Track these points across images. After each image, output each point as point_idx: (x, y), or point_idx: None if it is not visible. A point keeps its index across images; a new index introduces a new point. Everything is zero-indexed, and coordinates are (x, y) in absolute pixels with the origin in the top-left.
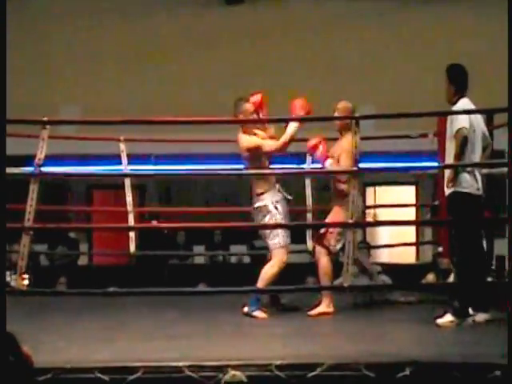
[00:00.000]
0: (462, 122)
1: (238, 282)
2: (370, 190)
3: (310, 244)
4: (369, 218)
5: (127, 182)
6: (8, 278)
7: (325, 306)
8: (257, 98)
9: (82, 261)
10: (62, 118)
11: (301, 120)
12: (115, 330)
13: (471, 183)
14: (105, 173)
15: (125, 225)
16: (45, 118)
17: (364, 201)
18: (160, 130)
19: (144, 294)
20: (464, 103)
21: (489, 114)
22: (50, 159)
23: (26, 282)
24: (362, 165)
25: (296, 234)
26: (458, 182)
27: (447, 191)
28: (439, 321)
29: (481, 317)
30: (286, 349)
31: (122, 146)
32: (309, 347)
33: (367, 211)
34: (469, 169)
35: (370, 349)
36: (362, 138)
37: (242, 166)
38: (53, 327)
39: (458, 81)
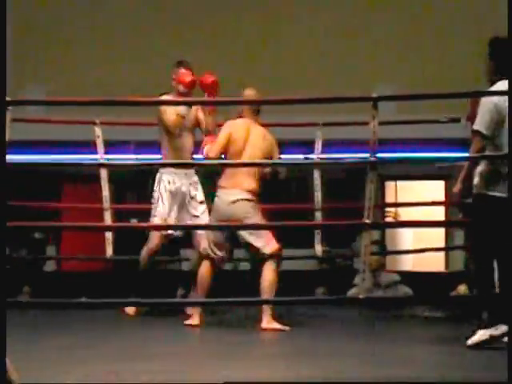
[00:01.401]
0: (485, 114)
1: (232, 291)
2: (390, 185)
3: (318, 248)
4: (389, 219)
5: (103, 173)
6: None
7: (268, 322)
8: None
9: (49, 266)
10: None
11: (308, 101)
12: (87, 348)
13: (500, 184)
14: (77, 162)
15: (101, 224)
16: (7, 98)
17: (383, 198)
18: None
19: (122, 304)
20: (503, 85)
21: None
22: (14, 146)
23: None
24: (380, 155)
25: (303, 238)
26: (483, 182)
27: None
28: (470, 342)
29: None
30: (289, 371)
31: (98, 131)
32: (314, 369)
33: (387, 210)
34: (496, 167)
35: (386, 372)
36: (381, 123)
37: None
38: (12, 345)
39: (500, 57)
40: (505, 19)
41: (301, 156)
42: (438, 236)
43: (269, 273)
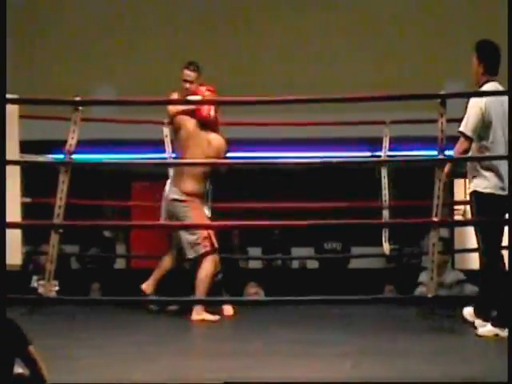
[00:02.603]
0: (471, 117)
1: (299, 290)
2: (459, 183)
3: (386, 247)
4: (457, 217)
5: (171, 172)
6: (35, 284)
7: (197, 314)
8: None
9: (119, 264)
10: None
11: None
12: (155, 345)
13: (494, 181)
14: (147, 161)
15: (168, 222)
16: (77, 98)
17: (452, 195)
18: None
19: (190, 302)
20: (490, 88)
21: None
22: (83, 146)
23: (56, 288)
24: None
25: (371, 236)
26: (478, 180)
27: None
28: (480, 331)
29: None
30: (355, 370)
31: (166, 131)
32: (380, 368)
33: (455, 208)
34: (489, 165)
35: (453, 371)
36: (449, 121)
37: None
38: (84, 341)
39: (488, 58)
40: None
41: (367, 154)
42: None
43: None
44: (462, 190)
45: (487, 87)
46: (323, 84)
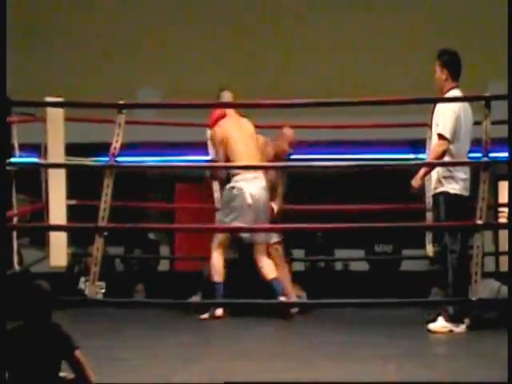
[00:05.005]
0: (448, 121)
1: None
2: (503, 185)
3: (429, 249)
4: (502, 219)
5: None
6: (82, 285)
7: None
8: None
9: (163, 266)
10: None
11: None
12: (199, 346)
13: (461, 183)
14: (192, 164)
15: (213, 225)
16: (121, 101)
17: (496, 198)
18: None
19: (231, 304)
20: (457, 94)
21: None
22: (127, 148)
23: (102, 290)
24: (492, 154)
25: (416, 238)
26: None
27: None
28: (431, 326)
29: (461, 327)
30: (400, 372)
31: (209, 133)
32: (426, 370)
33: (500, 210)
34: (457, 168)
35: (494, 374)
36: (494, 123)
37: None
38: (129, 342)
39: (450, 68)
40: None
41: (411, 156)
42: None
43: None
44: (506, 192)
45: (453, 93)
46: (377, 86)
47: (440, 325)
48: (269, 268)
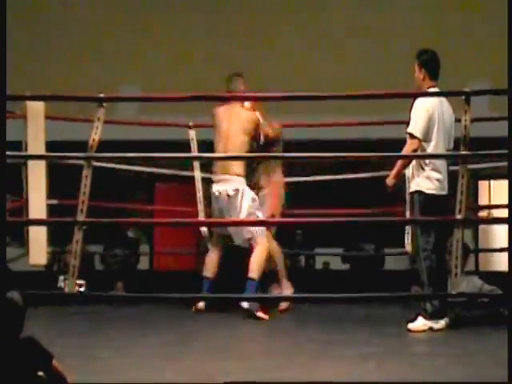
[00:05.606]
0: (419, 120)
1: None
2: (483, 184)
3: (409, 248)
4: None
5: (197, 174)
6: (61, 284)
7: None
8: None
9: (143, 265)
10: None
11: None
12: (180, 345)
13: (436, 183)
14: (175, 155)
15: (194, 219)
16: (101, 95)
17: (476, 198)
18: None
19: (211, 298)
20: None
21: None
22: (107, 146)
23: (82, 288)
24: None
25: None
26: (421, 180)
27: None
28: (411, 325)
29: (441, 324)
30: (381, 371)
31: (192, 134)
32: (406, 369)
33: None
34: (433, 167)
35: (477, 373)
36: (474, 120)
37: None
38: (108, 341)
39: (428, 67)
40: None
41: None
42: None
43: None
44: (486, 192)
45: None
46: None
47: (419, 323)
48: (256, 267)
